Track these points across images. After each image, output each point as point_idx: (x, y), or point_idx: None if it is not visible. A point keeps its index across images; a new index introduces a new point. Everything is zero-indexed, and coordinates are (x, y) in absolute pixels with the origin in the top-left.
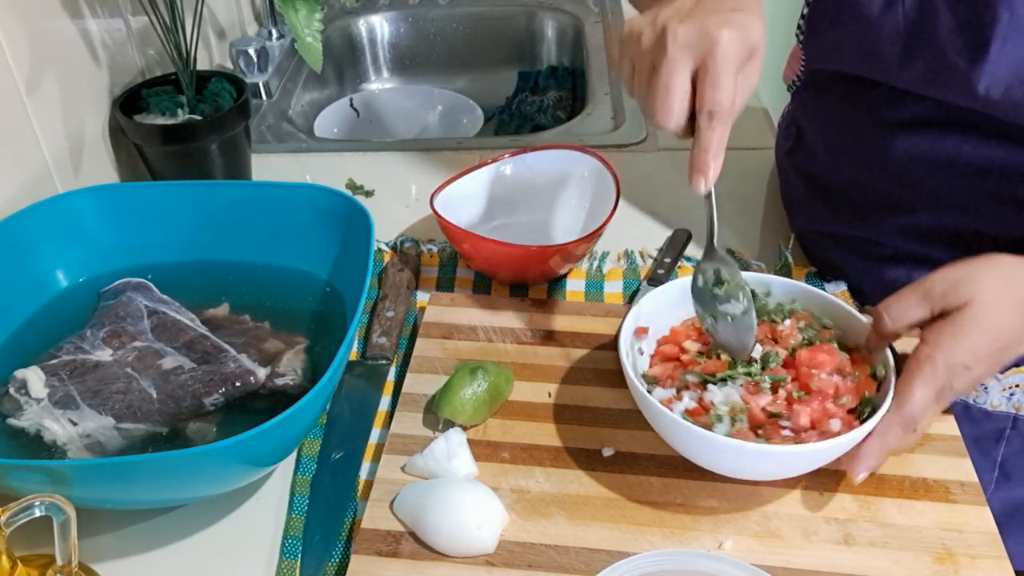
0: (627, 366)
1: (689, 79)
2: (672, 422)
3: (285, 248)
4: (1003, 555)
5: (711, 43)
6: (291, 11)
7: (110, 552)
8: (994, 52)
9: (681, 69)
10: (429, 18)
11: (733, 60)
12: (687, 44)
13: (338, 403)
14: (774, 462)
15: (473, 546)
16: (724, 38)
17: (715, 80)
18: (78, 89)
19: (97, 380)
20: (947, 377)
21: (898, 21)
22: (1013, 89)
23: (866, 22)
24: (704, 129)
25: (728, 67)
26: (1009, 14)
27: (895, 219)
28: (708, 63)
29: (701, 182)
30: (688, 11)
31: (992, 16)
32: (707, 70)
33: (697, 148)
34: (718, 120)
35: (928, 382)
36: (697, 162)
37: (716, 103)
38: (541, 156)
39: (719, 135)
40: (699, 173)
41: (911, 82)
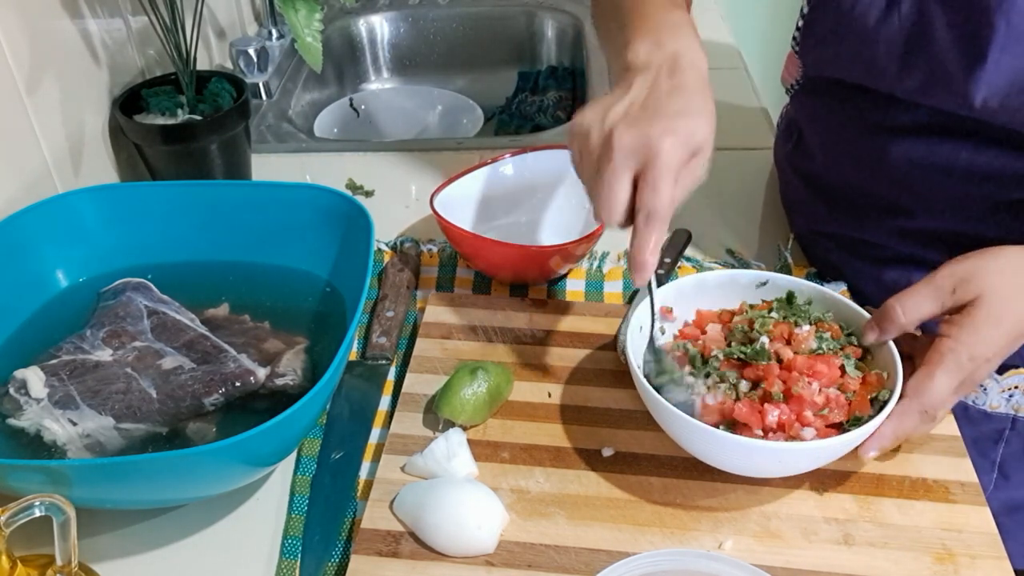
0: (631, 359)
1: (630, 183)
2: (675, 417)
3: (285, 248)
4: (1003, 555)
5: (652, 153)
6: (291, 11)
7: (110, 552)
8: (991, 62)
9: (623, 175)
10: (429, 18)
11: (672, 168)
12: (630, 151)
13: (338, 403)
14: (777, 458)
15: (473, 546)
16: (665, 148)
17: (653, 187)
18: (78, 89)
19: (97, 380)
20: (971, 369)
21: (895, 31)
22: (1010, 98)
23: (863, 32)
24: (641, 229)
25: (666, 174)
26: (1006, 24)
27: (894, 221)
28: (648, 170)
29: (639, 278)
30: (636, 112)
31: (989, 26)
32: (646, 177)
33: (636, 247)
34: (653, 222)
35: (951, 372)
36: (636, 260)
37: (652, 207)
38: (541, 156)
39: (656, 235)
40: (638, 271)
41: (909, 91)
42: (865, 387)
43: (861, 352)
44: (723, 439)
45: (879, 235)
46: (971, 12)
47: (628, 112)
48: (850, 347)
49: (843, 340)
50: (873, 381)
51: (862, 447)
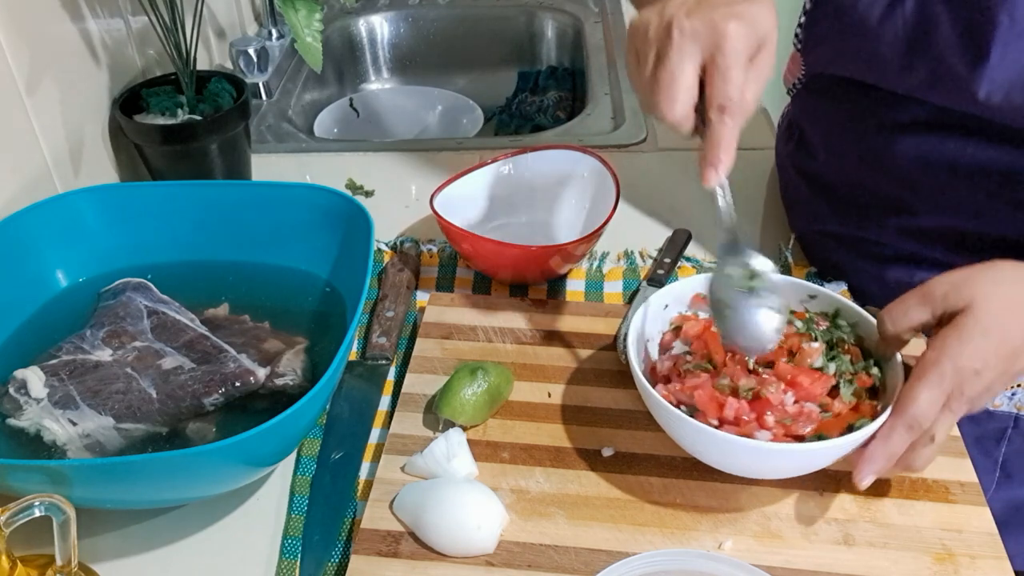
0: (633, 360)
1: (695, 71)
2: (675, 417)
3: (285, 248)
4: (1003, 555)
5: (718, 36)
6: (291, 11)
7: (110, 552)
8: (994, 58)
9: (687, 59)
10: (429, 18)
11: (741, 53)
12: (694, 35)
13: (338, 403)
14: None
15: (473, 546)
16: (731, 30)
17: (724, 73)
18: (78, 89)
19: (97, 380)
20: (955, 382)
21: (898, 28)
22: (1014, 94)
23: (866, 30)
24: (715, 123)
25: (737, 60)
26: (1009, 20)
27: (896, 220)
28: (716, 56)
29: (712, 175)
30: (695, 3)
31: (992, 22)
32: (715, 64)
33: (709, 143)
34: (729, 114)
35: (934, 385)
36: (709, 156)
37: (726, 96)
38: (541, 156)
39: (730, 129)
40: (711, 166)
41: (912, 88)
42: (853, 413)
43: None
44: (722, 440)
45: (881, 233)
46: (974, 8)
47: (686, 3)
48: (864, 375)
49: (859, 366)
50: (866, 411)
51: (857, 473)
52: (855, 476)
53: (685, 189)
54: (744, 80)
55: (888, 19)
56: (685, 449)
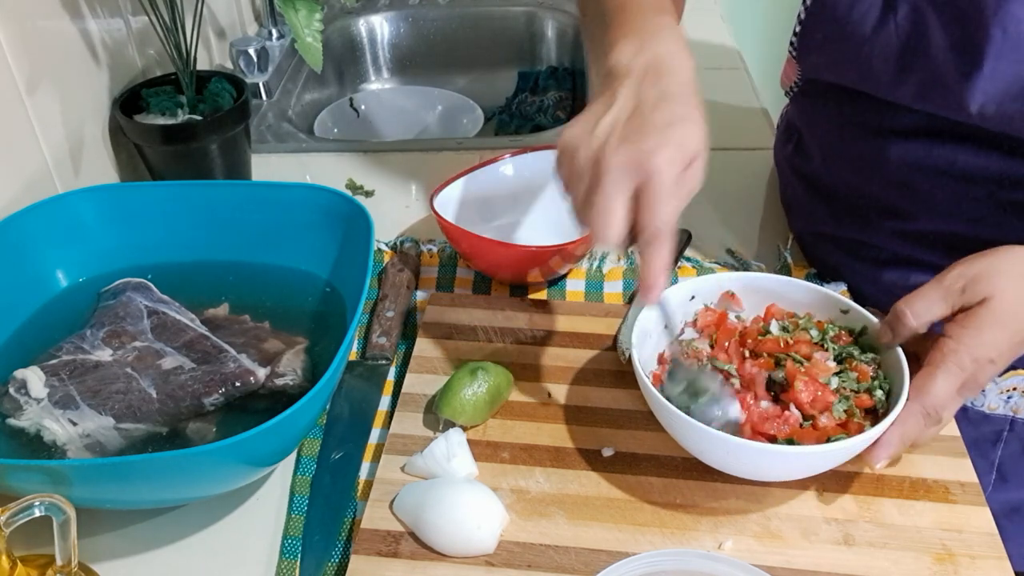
0: (636, 362)
1: (626, 202)
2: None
3: (285, 248)
4: (1003, 555)
5: (648, 170)
6: (291, 11)
7: (110, 552)
8: (987, 70)
9: (619, 194)
10: (429, 18)
11: (670, 183)
12: (623, 170)
13: (338, 403)
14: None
15: (473, 546)
16: (662, 165)
17: (653, 206)
18: (78, 89)
19: (97, 380)
20: (973, 371)
21: (891, 39)
22: (1006, 106)
23: (859, 40)
24: (648, 251)
25: (666, 192)
26: (1002, 33)
27: (892, 223)
28: (646, 189)
29: (650, 299)
30: (623, 127)
31: (985, 35)
32: (644, 196)
33: (646, 269)
34: (659, 242)
35: (952, 374)
36: (647, 281)
37: (655, 228)
38: (541, 156)
39: (664, 253)
40: (650, 291)
41: (904, 98)
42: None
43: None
44: (728, 443)
45: (878, 236)
46: (967, 21)
47: (615, 127)
48: (867, 395)
49: (863, 386)
50: (853, 429)
51: (871, 456)
52: (869, 457)
53: None
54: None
55: (881, 29)
56: (687, 449)
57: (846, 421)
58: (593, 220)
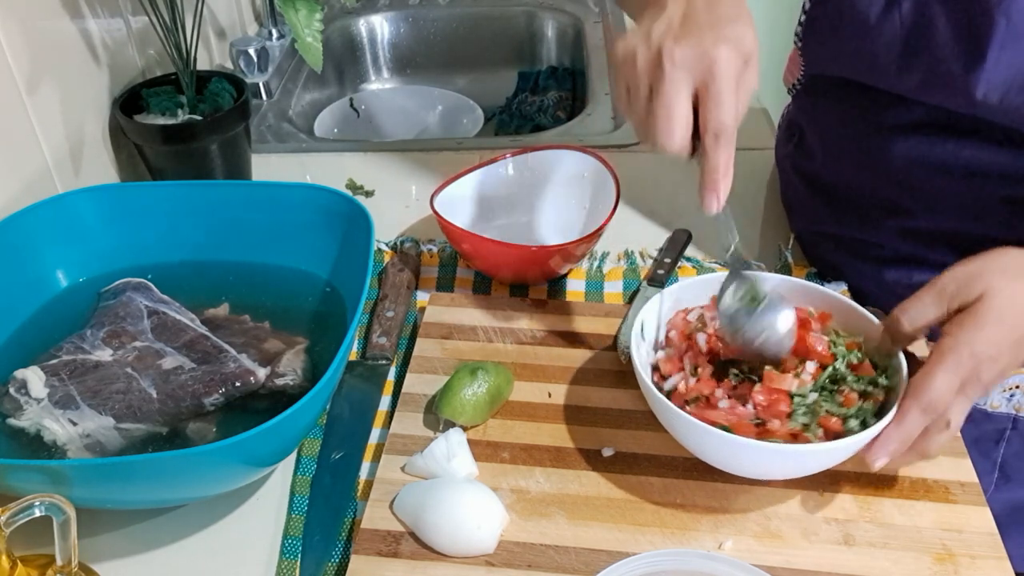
0: (637, 363)
1: (689, 100)
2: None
3: (285, 248)
4: (1003, 555)
5: (710, 63)
6: (291, 11)
7: (110, 552)
8: (991, 59)
9: (681, 91)
10: (429, 18)
11: (733, 78)
12: (685, 66)
13: (338, 403)
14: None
15: (473, 546)
16: (723, 57)
17: (718, 101)
18: (78, 89)
19: (97, 380)
20: (972, 367)
21: (896, 28)
22: (1010, 96)
23: (864, 29)
24: (711, 149)
25: (729, 86)
26: (1006, 22)
27: (894, 221)
28: (709, 84)
29: (714, 202)
30: (680, 26)
31: (990, 24)
32: (708, 91)
33: (707, 168)
34: (724, 139)
35: (951, 370)
36: (708, 182)
37: (721, 123)
38: (541, 156)
39: (726, 153)
40: (711, 193)
41: (909, 88)
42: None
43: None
44: (727, 440)
45: (880, 235)
46: (972, 10)
47: (671, 28)
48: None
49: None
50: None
51: (869, 455)
52: (868, 456)
53: (685, 189)
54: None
55: (886, 19)
56: (685, 447)
57: (799, 433)
58: (656, 123)
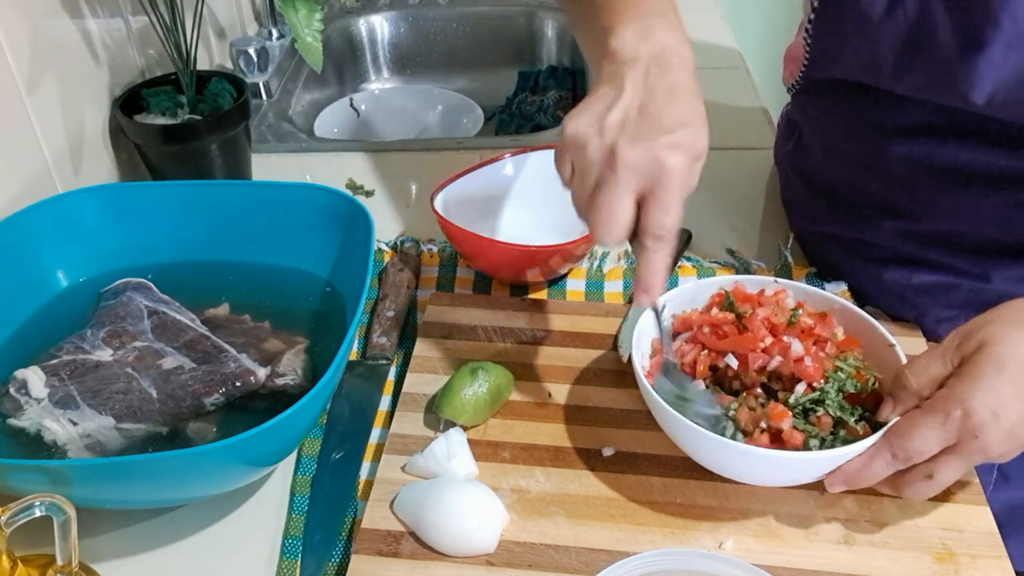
0: (636, 363)
1: (634, 202)
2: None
3: (285, 248)
4: (1003, 555)
5: (661, 171)
6: (291, 11)
7: (110, 552)
8: (994, 58)
9: (628, 194)
10: (429, 18)
11: (682, 185)
12: (635, 169)
13: (338, 403)
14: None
15: (473, 546)
16: (674, 165)
17: (664, 207)
18: (78, 89)
19: (97, 380)
20: (966, 426)
21: (899, 26)
22: (1013, 94)
23: (868, 27)
24: (651, 252)
25: (676, 193)
26: (1011, 21)
27: (894, 223)
28: (656, 190)
29: (646, 300)
30: (636, 121)
31: (993, 23)
32: (655, 196)
33: (645, 270)
34: (665, 242)
35: (936, 424)
36: (644, 283)
37: (663, 227)
38: (541, 156)
39: (664, 256)
40: (646, 293)
41: (910, 88)
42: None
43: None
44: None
45: (879, 236)
46: (974, 9)
47: (626, 121)
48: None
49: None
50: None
51: (828, 478)
52: (827, 479)
53: None
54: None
55: (889, 17)
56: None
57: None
58: (598, 217)
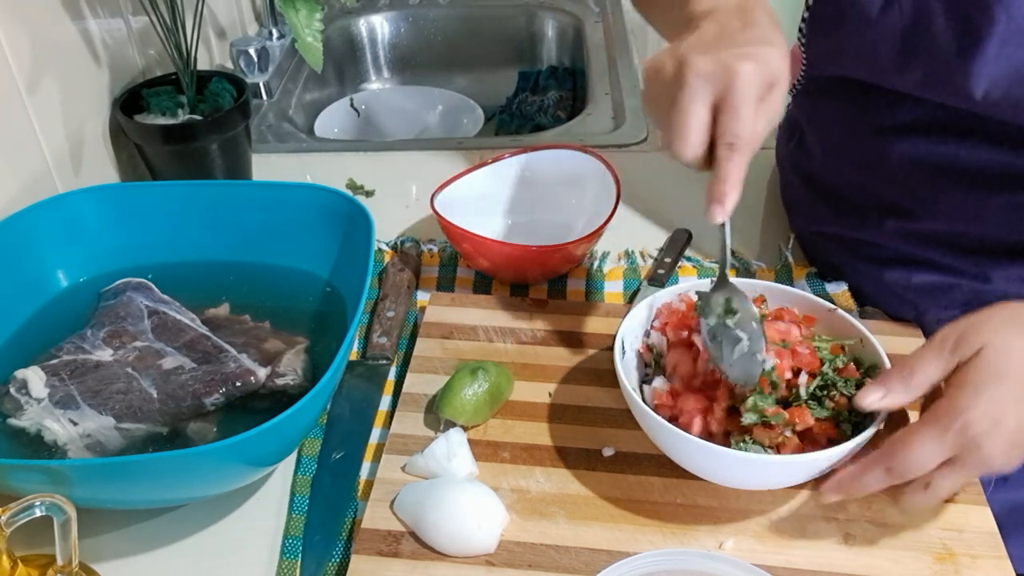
0: (620, 373)
1: (708, 110)
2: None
3: (285, 248)
4: (1003, 555)
5: (731, 75)
6: (291, 11)
7: (110, 552)
8: (991, 55)
9: (699, 99)
10: (429, 18)
11: (752, 92)
12: (706, 76)
13: (338, 403)
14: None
15: (473, 546)
16: (744, 70)
17: (735, 111)
18: (78, 89)
19: (97, 380)
20: (965, 439)
21: (896, 23)
22: (1011, 91)
23: (865, 24)
24: (723, 160)
25: (747, 98)
26: (1007, 17)
27: (894, 222)
28: (728, 95)
29: (719, 212)
30: (709, 43)
31: (990, 19)
32: (727, 102)
33: (716, 178)
34: (737, 151)
35: (935, 438)
36: (715, 192)
37: (735, 134)
38: (541, 156)
39: (738, 166)
40: (717, 203)
41: (909, 85)
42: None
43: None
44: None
45: (880, 235)
46: (971, 5)
47: (699, 42)
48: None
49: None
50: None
51: (823, 487)
52: (821, 489)
53: (685, 189)
54: (754, 118)
55: (886, 14)
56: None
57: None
58: (671, 131)
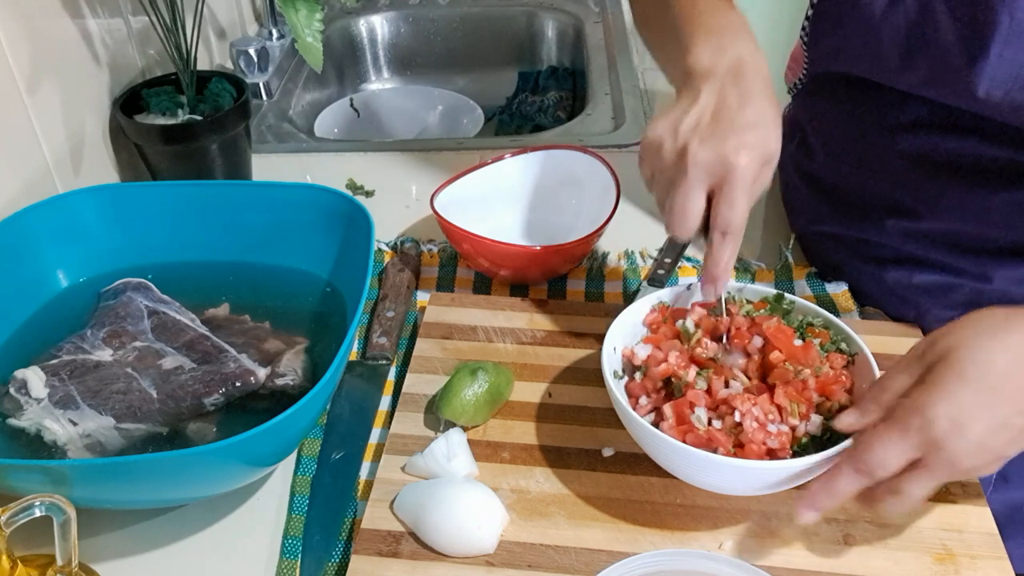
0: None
1: (705, 198)
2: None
3: (285, 248)
4: (1003, 555)
5: (729, 169)
6: (291, 11)
7: (110, 552)
8: (994, 56)
9: (698, 190)
10: (429, 18)
11: (748, 182)
12: (705, 167)
13: (338, 403)
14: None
15: (473, 546)
16: (742, 164)
17: (731, 203)
18: (78, 89)
19: (97, 380)
20: (928, 437)
21: (900, 22)
22: (1014, 92)
23: (869, 23)
24: (717, 245)
25: (744, 190)
26: (1009, 18)
27: (896, 222)
28: (724, 187)
29: (712, 292)
30: (708, 125)
31: (993, 20)
32: (723, 193)
33: (711, 262)
34: (730, 237)
35: (897, 436)
36: (710, 275)
37: (729, 223)
38: (541, 156)
39: (731, 250)
40: (711, 284)
41: (912, 84)
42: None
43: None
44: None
45: (881, 235)
46: (975, 6)
47: (699, 125)
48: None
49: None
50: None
51: (798, 507)
52: (796, 509)
53: None
54: (747, 204)
55: (890, 14)
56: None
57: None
58: (671, 213)
